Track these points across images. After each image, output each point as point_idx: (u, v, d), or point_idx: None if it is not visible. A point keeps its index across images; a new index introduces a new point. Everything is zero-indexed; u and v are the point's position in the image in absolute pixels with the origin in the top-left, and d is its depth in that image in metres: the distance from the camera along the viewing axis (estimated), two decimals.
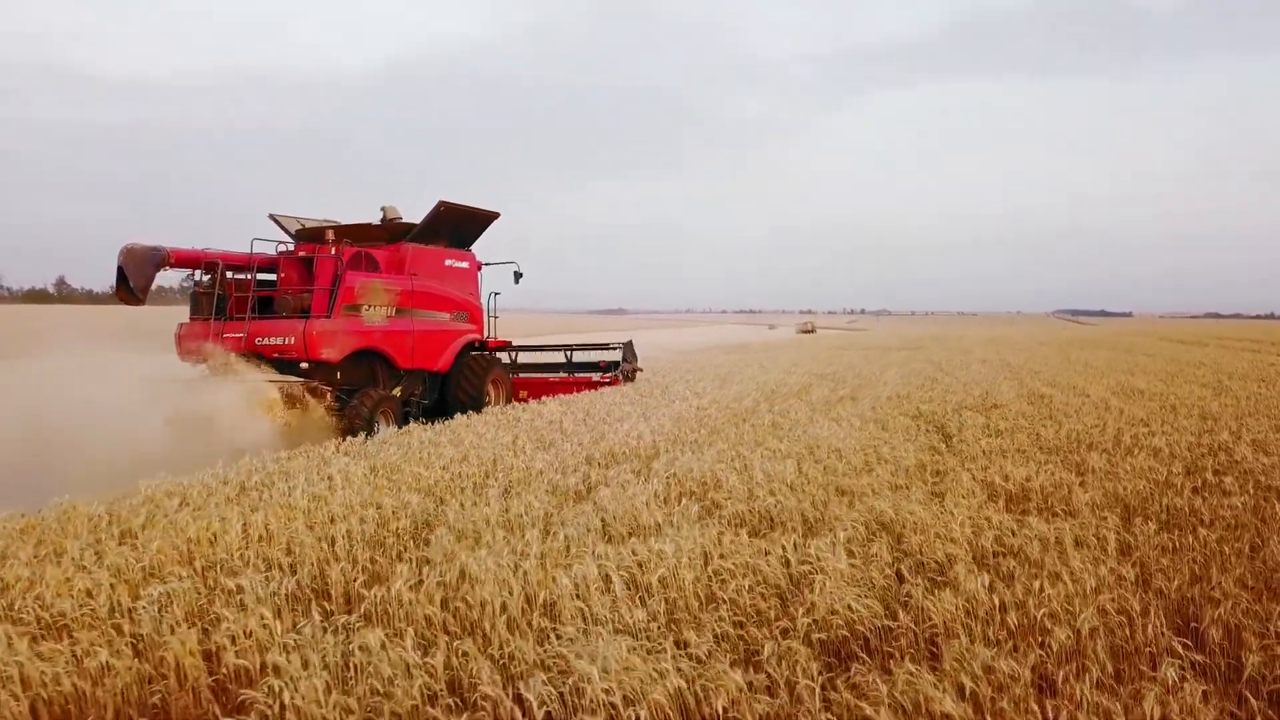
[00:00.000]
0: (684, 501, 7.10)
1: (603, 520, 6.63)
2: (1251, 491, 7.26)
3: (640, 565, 5.32)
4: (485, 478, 8.68)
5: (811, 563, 5.27)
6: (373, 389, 13.67)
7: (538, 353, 20.32)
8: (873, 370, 23.16)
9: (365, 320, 13.71)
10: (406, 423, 13.34)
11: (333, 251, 13.87)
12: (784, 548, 5.53)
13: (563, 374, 19.43)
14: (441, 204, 15.25)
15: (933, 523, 6.03)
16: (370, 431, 12.31)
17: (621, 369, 19.53)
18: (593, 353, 20.48)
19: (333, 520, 6.91)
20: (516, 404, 15.10)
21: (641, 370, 21.12)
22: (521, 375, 19.01)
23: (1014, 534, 5.84)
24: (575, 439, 10.75)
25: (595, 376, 19.08)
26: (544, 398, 16.09)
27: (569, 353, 20.14)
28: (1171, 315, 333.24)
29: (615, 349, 20.27)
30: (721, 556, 5.43)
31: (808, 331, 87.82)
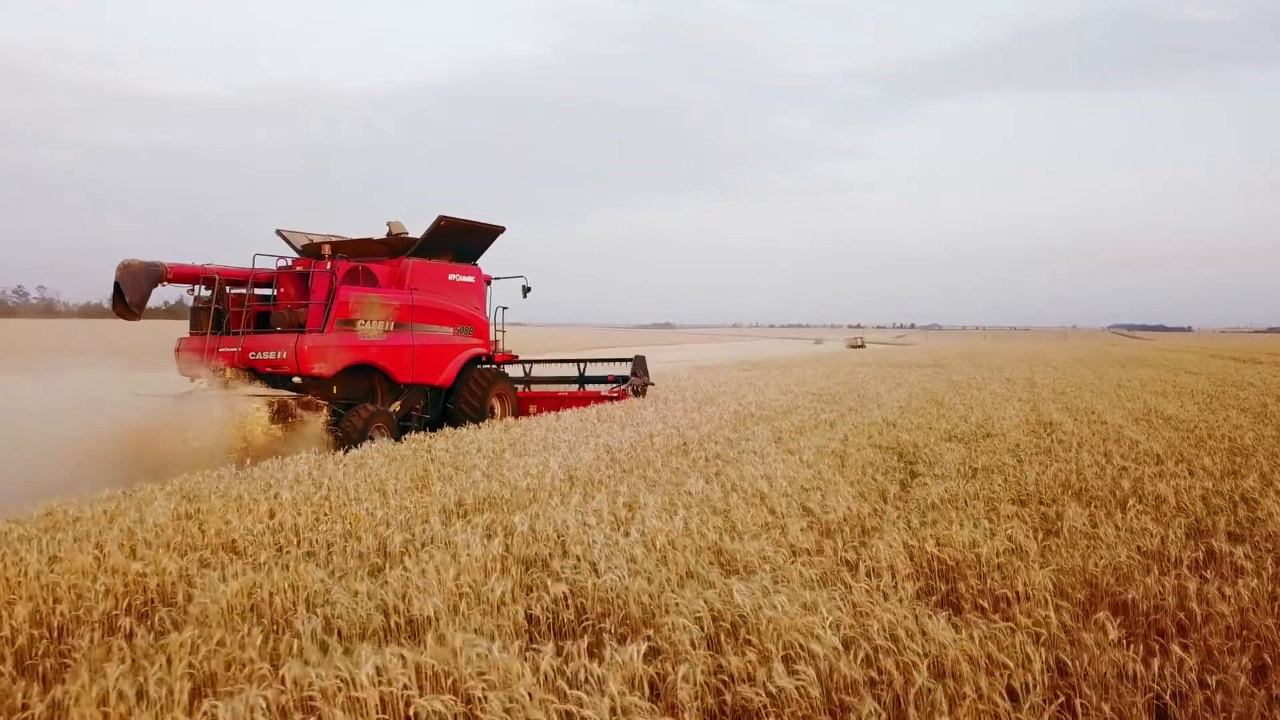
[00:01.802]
0: (502, 576, 5.38)
1: (380, 608, 4.95)
2: (1270, 570, 5.34)
3: (324, 696, 3.64)
4: (310, 529, 7.03)
5: (561, 701, 3.52)
6: (367, 404, 13.51)
7: (552, 366, 20.36)
8: (879, 390, 21.18)
9: (361, 335, 13.56)
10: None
11: (328, 266, 13.60)
12: (552, 667, 3.81)
13: (570, 388, 19.31)
14: (441, 218, 14.93)
15: (794, 624, 4.24)
16: (359, 444, 11.75)
17: (631, 383, 19.17)
18: (606, 367, 20.26)
19: (52, 594, 5.33)
20: (449, 429, 13.54)
21: (653, 385, 20.52)
22: (532, 389, 19.13)
23: (902, 648, 4.04)
24: (468, 476, 9.06)
25: (603, 391, 18.73)
26: (501, 420, 14.85)
27: (582, 367, 19.98)
28: (1234, 330, 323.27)
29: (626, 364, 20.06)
30: (450, 689, 3.71)
31: (857, 346, 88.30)
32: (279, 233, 15.70)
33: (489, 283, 16.76)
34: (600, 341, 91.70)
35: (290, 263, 14.50)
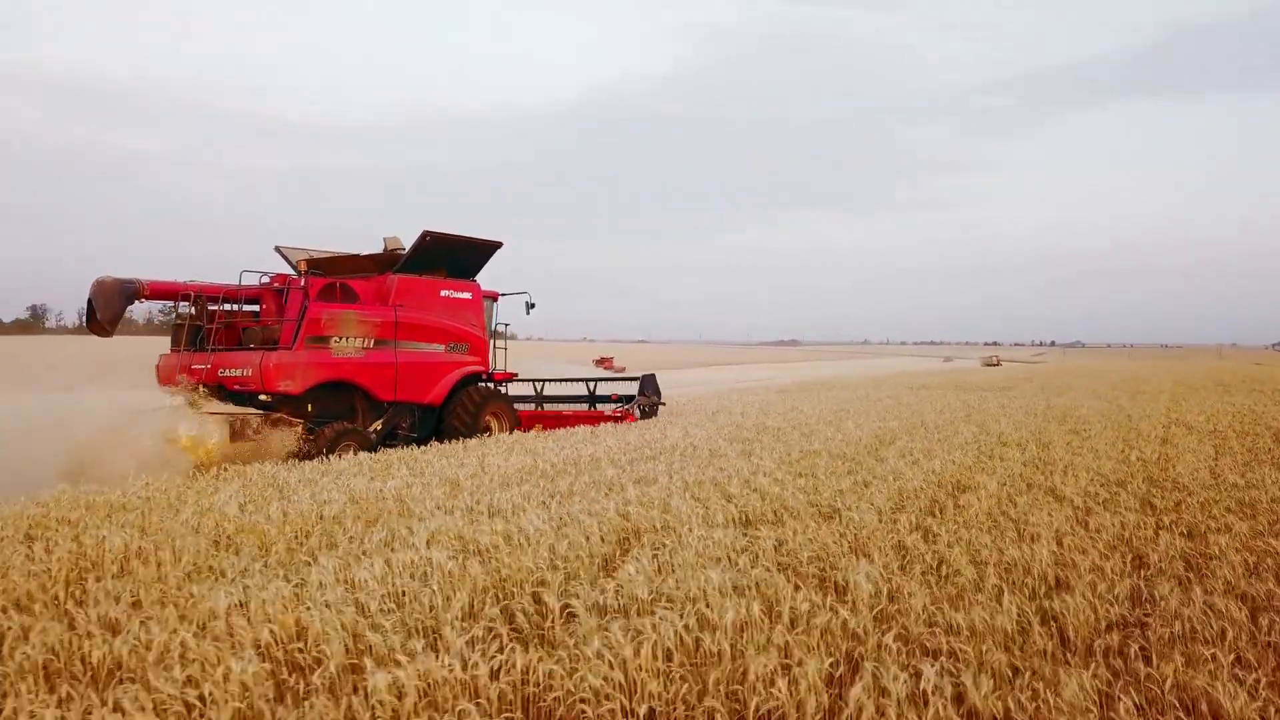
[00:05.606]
0: None
1: None
2: None
3: None
4: None
5: None
6: (336, 422, 13.09)
7: (562, 384, 19.86)
8: (860, 421, 16.97)
9: (335, 352, 13.17)
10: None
11: (302, 283, 13.32)
12: None
13: (572, 407, 18.93)
14: (427, 234, 14.57)
15: None
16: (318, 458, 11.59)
17: (637, 402, 18.52)
18: (620, 387, 19.60)
19: None
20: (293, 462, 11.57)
21: (664, 405, 19.79)
22: (544, 408, 18.89)
23: None
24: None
25: (608, 410, 18.28)
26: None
27: (592, 386, 19.48)
28: None
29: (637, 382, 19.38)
30: None
31: (993, 365, 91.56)
32: (277, 249, 15.32)
33: (495, 300, 16.26)
34: (715, 359, 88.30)
35: (270, 279, 14.12)
